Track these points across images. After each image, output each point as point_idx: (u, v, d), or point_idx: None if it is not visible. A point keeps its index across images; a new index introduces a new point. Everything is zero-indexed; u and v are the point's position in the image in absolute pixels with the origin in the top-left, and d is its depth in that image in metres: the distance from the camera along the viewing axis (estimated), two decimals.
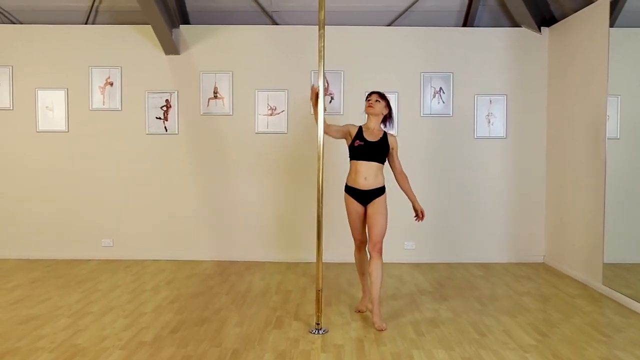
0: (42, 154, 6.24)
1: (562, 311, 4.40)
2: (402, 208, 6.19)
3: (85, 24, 6.39)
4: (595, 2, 5.15)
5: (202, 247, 6.27)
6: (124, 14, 6.30)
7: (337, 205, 6.10)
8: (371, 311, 4.06)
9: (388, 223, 4.16)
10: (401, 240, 6.21)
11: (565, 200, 5.73)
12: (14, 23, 6.41)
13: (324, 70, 3.84)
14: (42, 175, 6.25)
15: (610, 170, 4.90)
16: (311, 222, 5.69)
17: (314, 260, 4.05)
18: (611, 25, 4.88)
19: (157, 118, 6.21)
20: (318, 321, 3.88)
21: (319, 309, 3.87)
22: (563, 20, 5.80)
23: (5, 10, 6.32)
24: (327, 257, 5.59)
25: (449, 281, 5.39)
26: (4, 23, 6.39)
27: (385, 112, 4.18)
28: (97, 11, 6.35)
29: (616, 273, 4.87)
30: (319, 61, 3.83)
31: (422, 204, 6.16)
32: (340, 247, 6.11)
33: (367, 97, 4.19)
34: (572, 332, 3.88)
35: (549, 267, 5.99)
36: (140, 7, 5.49)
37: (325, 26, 3.86)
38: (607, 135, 4.92)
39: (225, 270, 5.79)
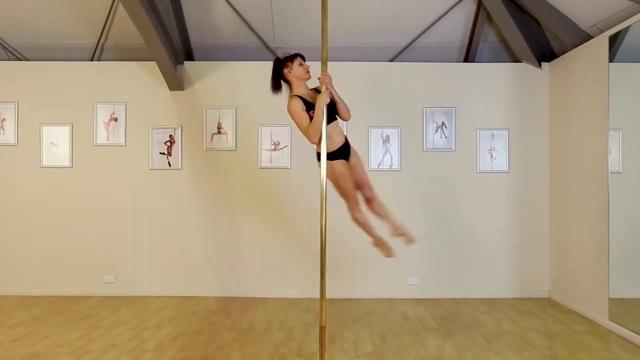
0: (45, 190, 6.25)
1: (569, 347, 4.34)
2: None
3: (91, 60, 6.48)
4: (595, 38, 5.21)
5: (205, 283, 6.23)
6: (129, 50, 6.40)
7: (341, 241, 6.09)
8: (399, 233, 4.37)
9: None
10: (405, 275, 6.18)
11: (570, 235, 5.71)
12: (21, 60, 6.50)
13: (326, 106, 3.87)
14: (44, 211, 6.26)
15: (614, 204, 4.89)
16: (314, 258, 5.66)
17: (318, 296, 4.02)
18: (611, 60, 4.93)
19: (160, 153, 6.24)
20: (322, 358, 3.83)
21: (322, 346, 3.82)
22: (563, 56, 5.86)
23: (12, 48, 6.41)
24: (330, 293, 5.55)
25: (453, 317, 5.34)
26: (10, 60, 6.48)
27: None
28: (102, 48, 6.44)
29: (622, 308, 4.83)
30: (322, 96, 3.86)
31: (426, 237, 6.19)
32: (344, 283, 6.09)
33: (299, 63, 4.02)
34: None
35: (555, 303, 5.93)
36: (146, 44, 5.57)
37: (328, 62, 3.90)
38: (609, 169, 4.93)
39: (229, 306, 5.75)
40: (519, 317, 5.32)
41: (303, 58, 4.06)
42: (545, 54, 6.16)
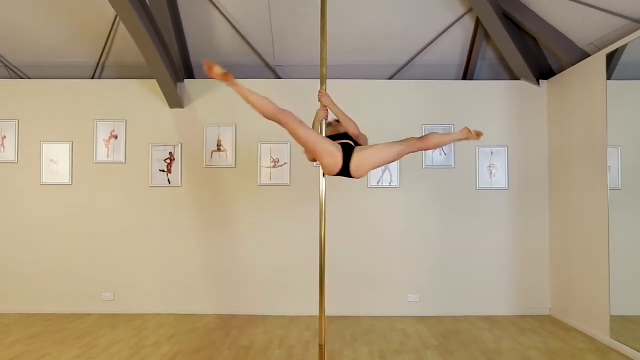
0: (45, 207, 6.25)
1: None
2: (405, 260, 6.18)
3: (92, 78, 6.51)
4: (592, 56, 5.25)
5: (204, 301, 6.20)
6: (130, 68, 6.44)
7: (341, 258, 6.08)
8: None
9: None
10: (405, 293, 6.15)
11: (570, 252, 5.70)
12: (22, 78, 6.54)
13: (326, 123, 3.89)
14: (44, 228, 6.25)
15: (614, 221, 4.89)
16: (314, 275, 5.64)
17: (317, 314, 4.00)
18: (608, 78, 4.96)
19: (160, 171, 6.25)
20: None
21: None
22: (561, 74, 5.89)
23: (13, 66, 6.45)
24: (330, 311, 5.53)
25: (454, 335, 5.30)
26: (12, 78, 6.51)
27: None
28: (103, 66, 6.48)
29: (624, 326, 4.80)
30: (318, 112, 3.89)
31: (426, 255, 6.17)
32: (343, 301, 6.06)
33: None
34: None
35: (556, 320, 5.90)
36: (147, 62, 5.61)
37: (328, 80, 3.93)
38: (609, 186, 4.93)
39: (228, 324, 5.72)
40: (520, 334, 5.29)
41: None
42: (543, 71, 6.20)
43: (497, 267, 6.18)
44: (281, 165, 6.22)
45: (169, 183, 6.25)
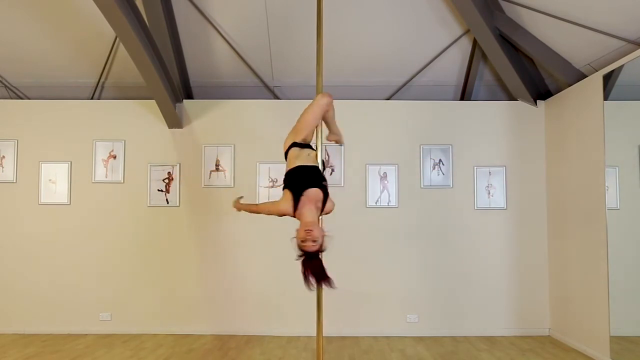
0: (42, 227, 6.24)
1: None
2: (403, 279, 6.16)
3: (91, 99, 6.54)
4: (589, 77, 5.28)
5: (202, 321, 6.16)
6: (129, 89, 6.47)
7: (339, 278, 6.04)
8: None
9: None
10: (403, 312, 6.12)
11: (569, 272, 5.68)
12: (21, 98, 6.57)
13: (322, 143, 3.91)
14: (41, 249, 6.22)
15: (612, 240, 4.88)
16: (312, 295, 5.61)
17: (315, 334, 3.97)
18: (605, 99, 4.98)
19: (158, 190, 6.25)
20: None
21: None
22: (558, 94, 5.92)
23: (13, 86, 6.48)
24: (328, 331, 5.50)
25: (453, 356, 5.26)
26: (11, 98, 6.54)
27: None
28: (102, 86, 6.52)
29: (624, 346, 4.77)
30: (318, 134, 3.91)
31: (424, 274, 6.15)
32: (342, 321, 6.03)
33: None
34: None
35: (555, 340, 5.86)
36: (146, 83, 5.63)
37: None
38: (607, 206, 4.94)
39: (225, 344, 5.68)
40: (520, 355, 5.25)
41: None
42: (540, 92, 6.23)
43: (496, 287, 6.16)
44: (279, 185, 6.21)
45: (167, 203, 6.24)
